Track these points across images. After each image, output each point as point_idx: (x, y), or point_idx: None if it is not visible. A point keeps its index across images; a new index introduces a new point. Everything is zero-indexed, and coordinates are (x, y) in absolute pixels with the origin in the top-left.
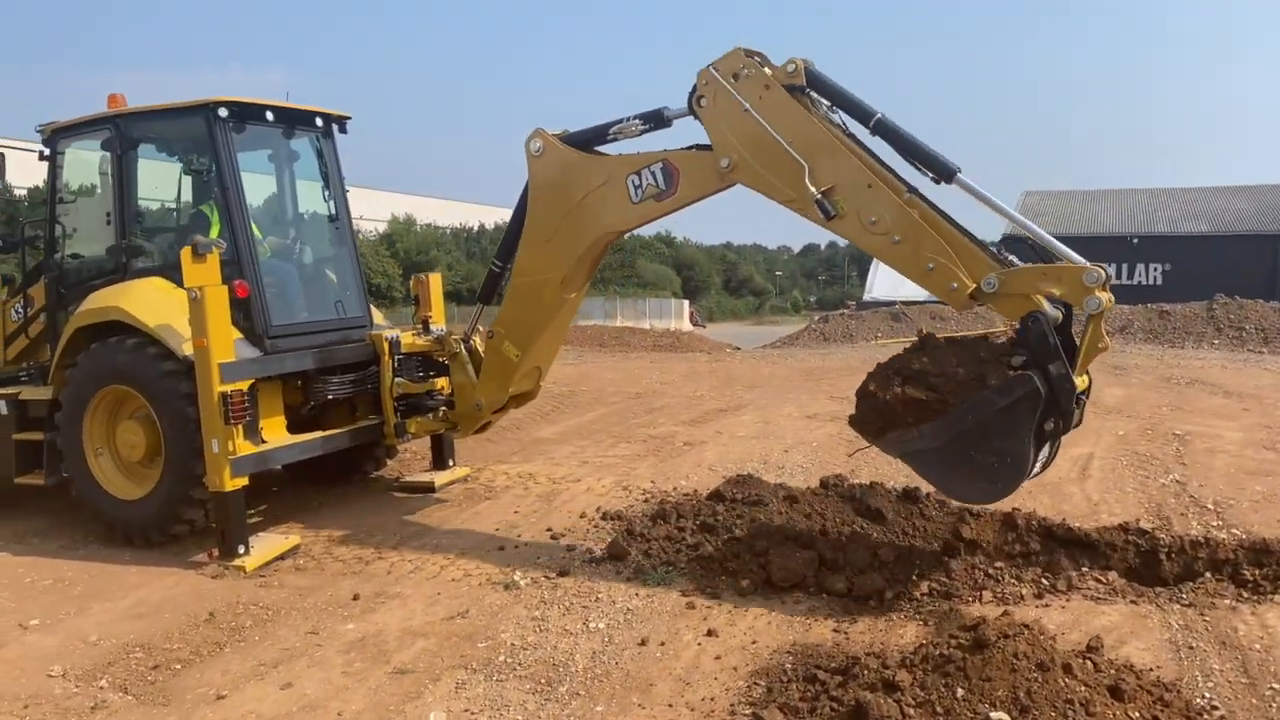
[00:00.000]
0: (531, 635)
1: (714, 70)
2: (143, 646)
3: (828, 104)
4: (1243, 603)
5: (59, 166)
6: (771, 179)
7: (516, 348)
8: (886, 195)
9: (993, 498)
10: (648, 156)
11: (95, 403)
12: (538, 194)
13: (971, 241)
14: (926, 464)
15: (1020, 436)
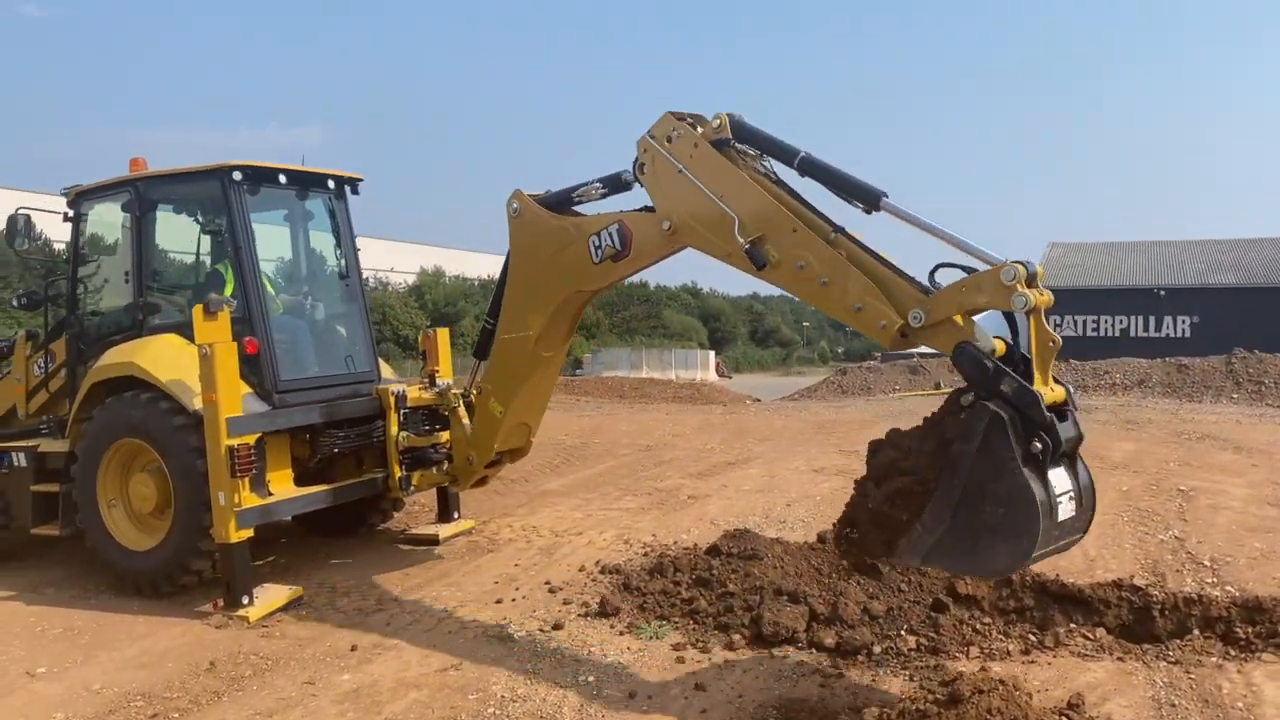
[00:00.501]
0: (522, 688)
1: (650, 137)
2: (144, 695)
3: (755, 153)
4: (1229, 660)
5: (82, 227)
6: (708, 235)
7: (500, 404)
8: (811, 238)
9: (1023, 552)
10: (607, 217)
11: (109, 455)
12: (516, 253)
13: (899, 276)
14: (951, 554)
15: (1009, 469)
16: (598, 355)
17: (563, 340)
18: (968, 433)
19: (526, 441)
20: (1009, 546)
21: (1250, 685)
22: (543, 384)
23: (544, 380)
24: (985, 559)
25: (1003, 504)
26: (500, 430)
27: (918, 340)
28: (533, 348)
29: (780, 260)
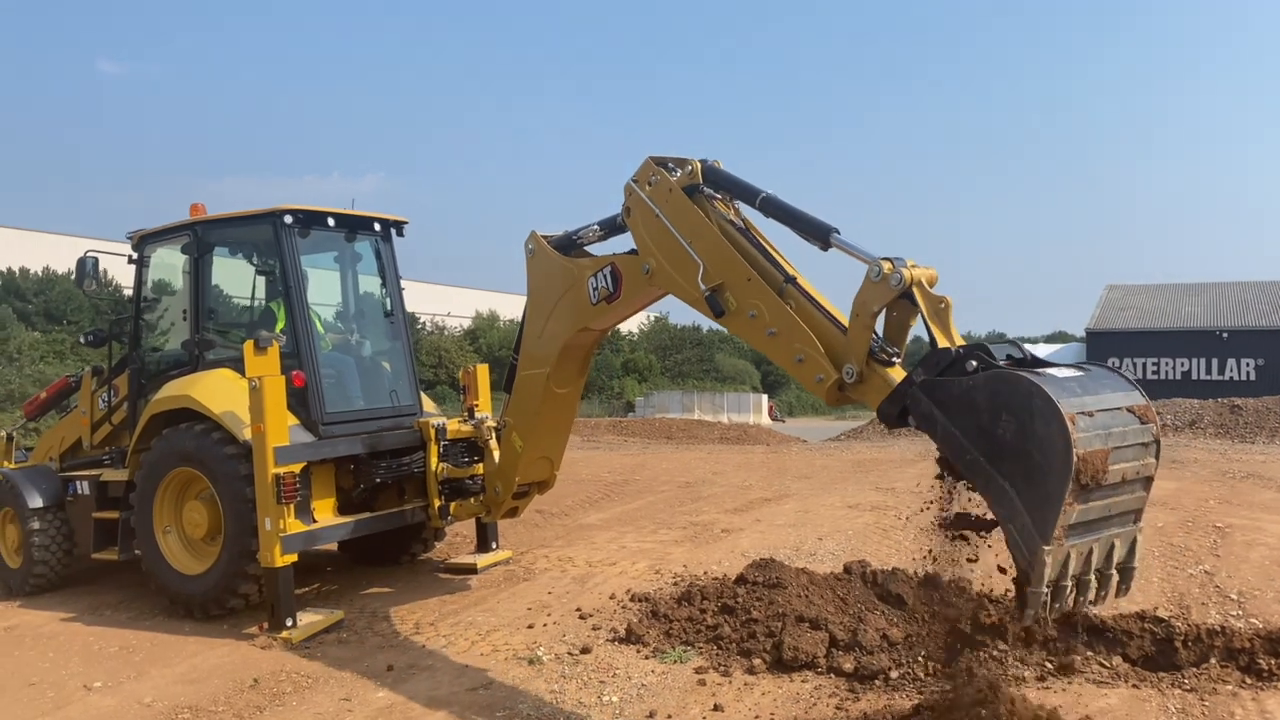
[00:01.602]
0: (547, 707)
1: (633, 183)
2: (191, 708)
3: (725, 197)
4: (1245, 689)
5: (145, 269)
6: (678, 279)
7: (520, 438)
8: (763, 287)
9: (1048, 408)
10: (604, 259)
11: (165, 484)
12: (531, 293)
13: (842, 332)
14: (1043, 495)
15: (967, 390)
16: (649, 398)
17: (575, 377)
18: (927, 420)
19: (550, 474)
20: (1040, 421)
21: (1264, 712)
22: (560, 419)
23: (561, 415)
24: (1045, 455)
25: (1006, 412)
26: (520, 462)
27: (852, 394)
28: (546, 384)
29: (737, 308)
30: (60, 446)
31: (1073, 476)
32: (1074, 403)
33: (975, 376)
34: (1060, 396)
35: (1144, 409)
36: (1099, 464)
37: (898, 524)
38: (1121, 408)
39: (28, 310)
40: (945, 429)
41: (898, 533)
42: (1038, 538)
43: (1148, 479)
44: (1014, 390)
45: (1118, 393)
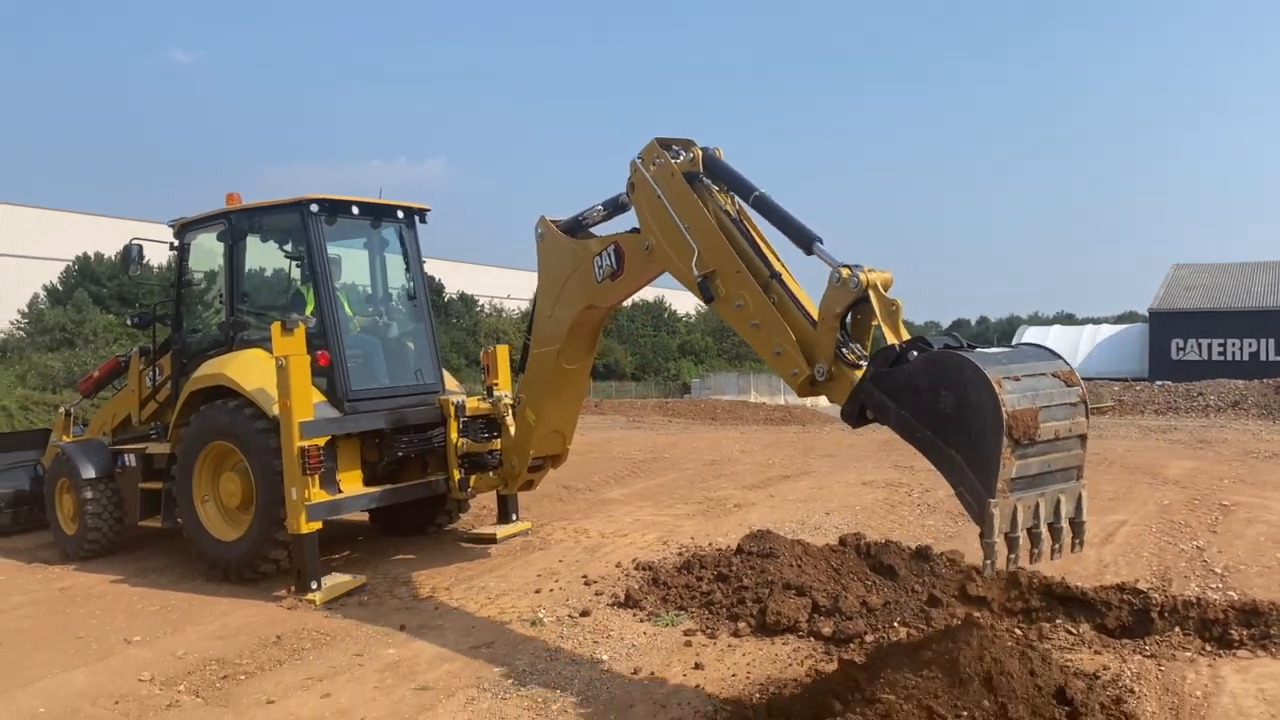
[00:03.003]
0: (543, 664)
1: (638, 161)
2: (218, 661)
3: (720, 188)
4: (1204, 655)
5: (185, 255)
6: (675, 261)
7: (533, 412)
8: (749, 280)
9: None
10: (608, 238)
11: (203, 456)
12: (542, 274)
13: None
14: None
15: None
16: (705, 380)
17: (584, 354)
18: (880, 410)
19: (563, 448)
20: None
21: (1216, 677)
22: (570, 394)
23: (571, 391)
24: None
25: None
26: (534, 436)
27: (822, 392)
28: (556, 361)
29: (726, 296)
30: (112, 422)
31: (1005, 433)
32: (1000, 370)
33: (914, 361)
34: (986, 365)
35: (1068, 374)
36: (1029, 420)
37: (906, 501)
38: (1046, 373)
39: (102, 294)
40: (896, 414)
41: (904, 509)
42: (984, 493)
43: (1081, 436)
44: (947, 367)
45: (1042, 361)
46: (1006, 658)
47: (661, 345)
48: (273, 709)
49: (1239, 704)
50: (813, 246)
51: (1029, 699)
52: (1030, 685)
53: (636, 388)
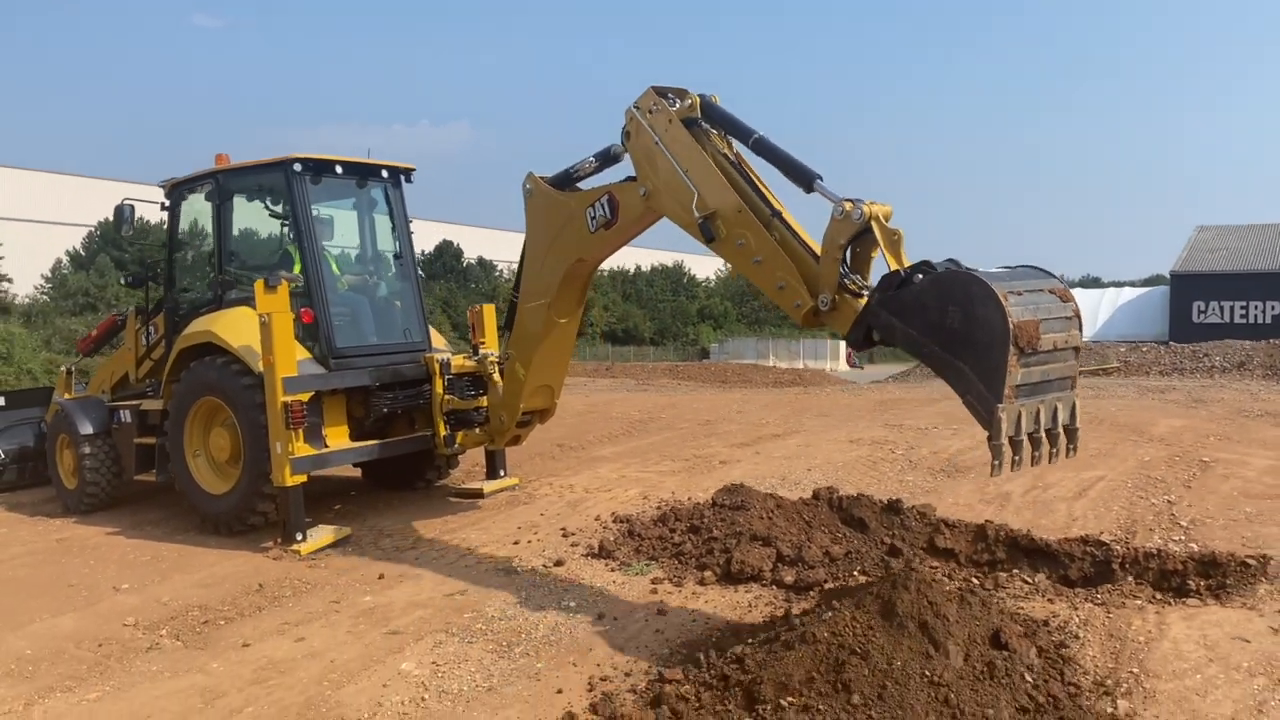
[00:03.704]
0: (512, 610)
1: (635, 108)
2: (201, 607)
3: (720, 133)
4: (1154, 604)
5: (177, 215)
6: (674, 205)
7: (523, 367)
8: (751, 219)
9: (988, 294)
10: (599, 190)
11: (194, 412)
12: (530, 230)
13: (819, 264)
14: (990, 368)
15: (917, 294)
16: (724, 345)
17: (574, 307)
18: (887, 330)
19: (551, 403)
20: (980, 305)
21: (1162, 624)
22: (560, 348)
23: (561, 344)
24: (986, 332)
25: (952, 304)
26: (524, 391)
27: (825, 322)
28: (548, 314)
29: (726, 235)
30: (111, 380)
31: (1012, 342)
32: (1004, 285)
33: (921, 282)
34: (992, 281)
35: (1063, 290)
36: (1032, 331)
37: (890, 458)
38: (1044, 289)
39: (124, 259)
40: (903, 332)
41: (886, 466)
42: (991, 399)
43: (1075, 348)
44: (954, 285)
45: (1040, 279)
46: (943, 601)
47: (680, 310)
48: (247, 651)
49: (1179, 649)
50: (814, 184)
51: (964, 641)
52: (966, 629)
53: (655, 352)
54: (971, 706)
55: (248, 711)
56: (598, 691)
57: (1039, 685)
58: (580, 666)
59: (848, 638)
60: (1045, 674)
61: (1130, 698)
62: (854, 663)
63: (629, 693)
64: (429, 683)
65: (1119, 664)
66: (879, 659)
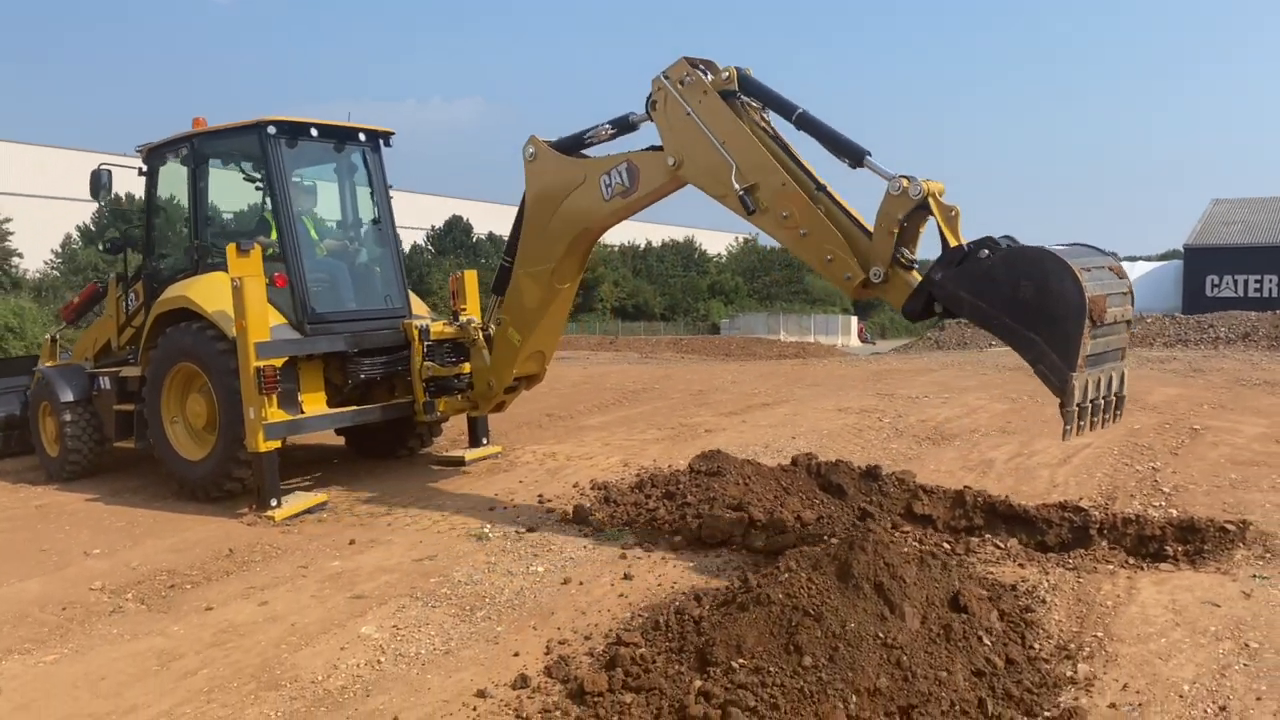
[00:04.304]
0: (479, 575)
1: (664, 78)
2: (169, 572)
3: (759, 106)
4: (1126, 568)
5: (155, 181)
6: (707, 176)
7: (518, 333)
8: (797, 193)
9: (1064, 269)
10: (616, 158)
11: (170, 378)
12: (532, 195)
13: (867, 236)
14: (1062, 336)
15: (993, 266)
16: (735, 320)
17: (576, 273)
18: (954, 301)
19: (542, 368)
20: (1055, 279)
21: (1132, 589)
22: (557, 314)
23: (558, 311)
24: (1061, 304)
25: (1024, 279)
26: (519, 357)
27: (876, 293)
28: (549, 280)
29: (768, 208)
30: (94, 347)
31: (1088, 316)
32: (1077, 262)
33: (993, 257)
34: (1067, 258)
35: (1118, 267)
36: (1102, 305)
37: (876, 426)
38: (1104, 266)
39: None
40: (972, 304)
41: (871, 433)
42: (1065, 368)
43: (1128, 321)
44: (1029, 260)
45: (1099, 256)
46: (901, 563)
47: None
48: (209, 615)
49: (1146, 613)
50: (864, 159)
51: (921, 604)
52: (924, 591)
53: (665, 328)
54: (924, 669)
55: (203, 674)
56: (555, 654)
57: (997, 648)
58: (541, 630)
59: (802, 599)
60: (1006, 637)
61: (1091, 661)
62: (807, 624)
63: (586, 655)
64: (387, 646)
65: (1084, 628)
66: (832, 621)
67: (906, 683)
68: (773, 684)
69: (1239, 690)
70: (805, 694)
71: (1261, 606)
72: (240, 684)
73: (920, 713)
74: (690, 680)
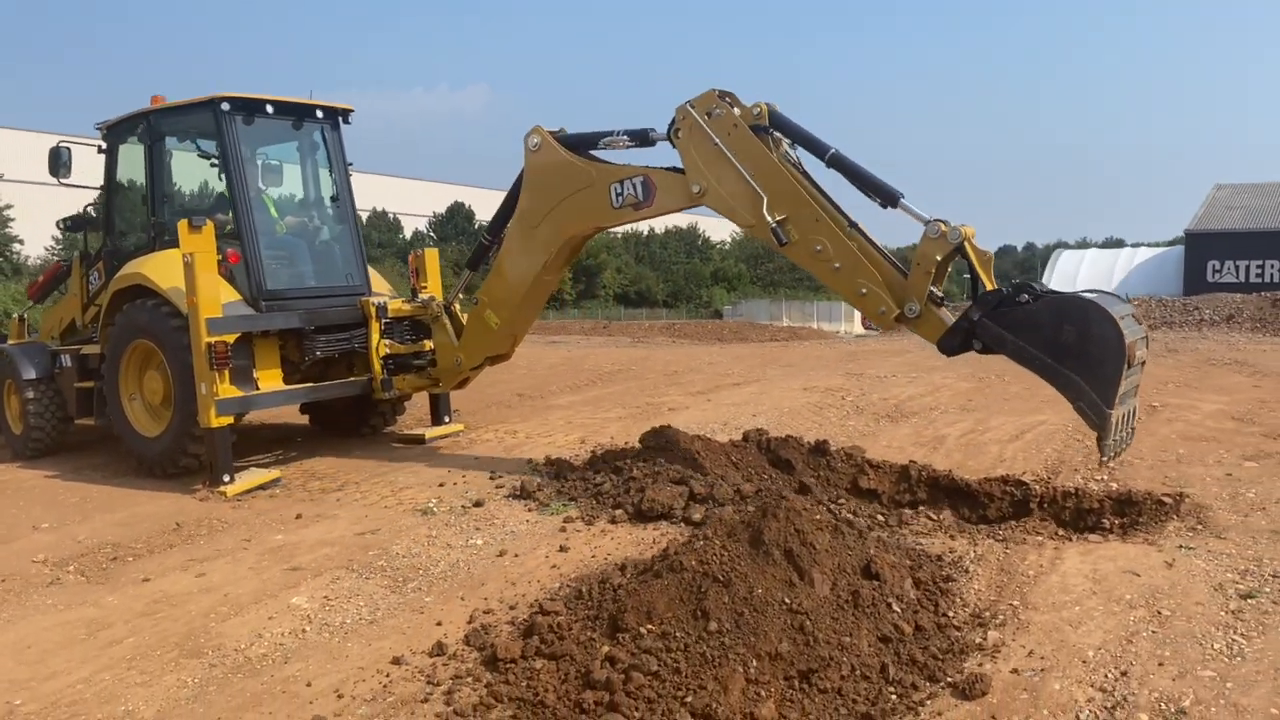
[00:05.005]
0: (418, 548)
1: (690, 107)
2: (114, 545)
3: (788, 141)
4: (1054, 539)
5: (115, 158)
6: (734, 205)
7: (497, 317)
8: (830, 228)
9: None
10: (631, 169)
11: (128, 355)
12: (531, 185)
13: (900, 273)
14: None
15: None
16: (737, 306)
17: (564, 266)
18: (998, 341)
19: (511, 349)
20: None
21: (1057, 559)
22: (539, 300)
23: (541, 299)
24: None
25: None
26: (493, 339)
27: (909, 327)
28: (540, 272)
29: (800, 241)
30: (60, 326)
31: (1125, 359)
32: (1115, 310)
33: (1037, 303)
34: (1108, 306)
35: (1137, 313)
36: (1134, 350)
37: (838, 404)
38: (1129, 313)
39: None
40: (1014, 345)
41: (832, 411)
42: (1104, 406)
43: (1143, 362)
44: (1072, 306)
45: (1124, 304)
46: (812, 530)
47: (694, 272)
48: (146, 586)
49: (1066, 582)
50: (898, 201)
51: (831, 571)
52: (836, 558)
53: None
54: (828, 634)
55: (128, 642)
56: (477, 623)
57: (907, 615)
58: (469, 600)
59: (713, 566)
60: (919, 605)
61: (1003, 629)
62: (715, 590)
63: (508, 624)
64: (314, 615)
65: (1001, 597)
66: (740, 587)
67: (808, 647)
68: (677, 649)
69: (1143, 655)
70: (707, 658)
71: (1181, 576)
72: (163, 652)
73: (820, 677)
74: (600, 646)
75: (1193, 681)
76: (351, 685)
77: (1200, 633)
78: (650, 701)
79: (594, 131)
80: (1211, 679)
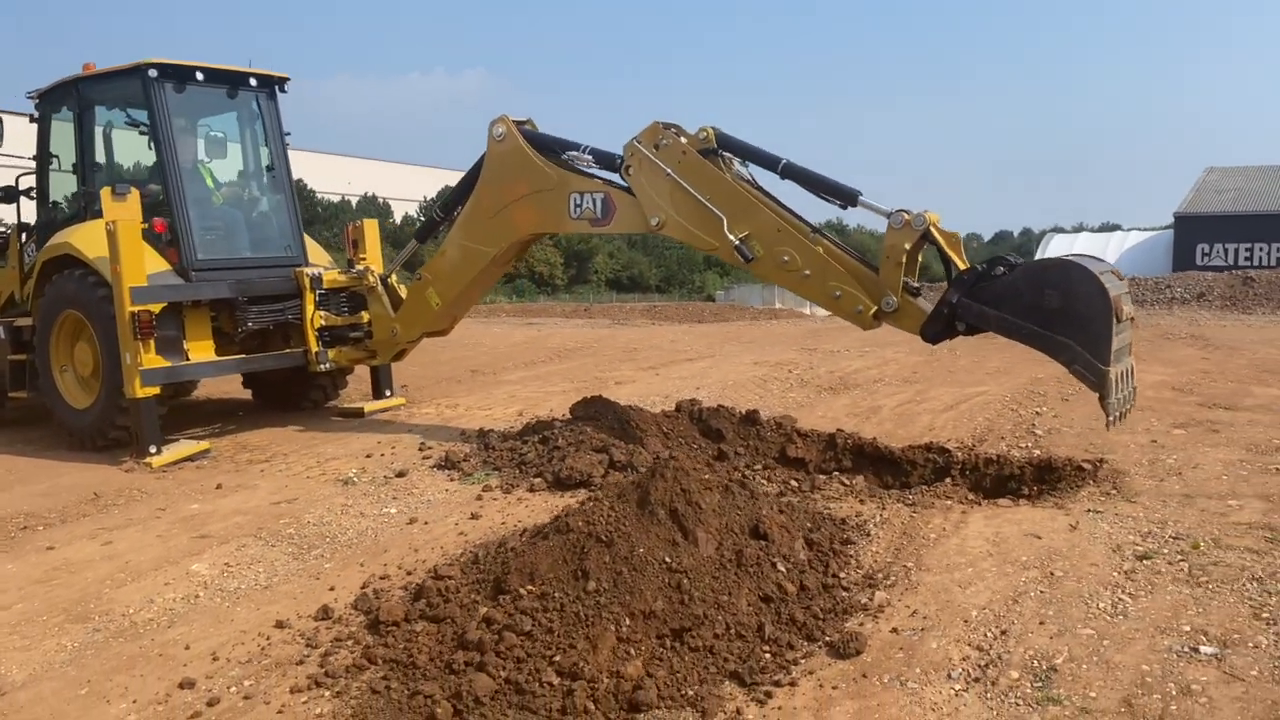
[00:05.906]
0: (330, 517)
1: (638, 143)
2: (28, 514)
3: (739, 160)
4: (964, 504)
5: (47, 127)
6: (695, 231)
7: (439, 297)
8: (794, 237)
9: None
10: (593, 183)
11: (58, 326)
12: (491, 174)
13: (870, 270)
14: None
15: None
16: (730, 292)
17: (515, 257)
18: (980, 318)
19: (450, 326)
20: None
21: (962, 523)
22: (485, 285)
23: (486, 284)
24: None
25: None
26: (432, 318)
27: (889, 322)
28: (490, 262)
29: (765, 255)
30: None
31: (1113, 314)
32: (1095, 267)
33: (1014, 273)
34: (1087, 265)
35: (1117, 270)
36: (1120, 304)
37: (783, 378)
38: (1109, 270)
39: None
40: (998, 319)
41: (775, 384)
42: (1099, 365)
43: (1132, 318)
44: (1051, 270)
45: (1101, 262)
46: (699, 490)
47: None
48: (49, 554)
49: (965, 545)
50: (857, 200)
51: (717, 531)
52: (723, 519)
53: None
54: (705, 593)
55: (17, 608)
56: (370, 589)
57: (793, 575)
58: (368, 566)
59: (598, 527)
60: (806, 565)
61: (892, 590)
62: (596, 550)
63: (401, 589)
64: (211, 581)
65: (897, 559)
66: (622, 546)
67: (684, 606)
68: (553, 609)
69: (1026, 615)
70: (581, 618)
71: (1082, 538)
72: (50, 617)
73: (692, 635)
74: (480, 608)
75: (1070, 639)
76: (230, 648)
77: (1088, 592)
78: (519, 661)
79: (562, 139)
80: (1089, 636)
